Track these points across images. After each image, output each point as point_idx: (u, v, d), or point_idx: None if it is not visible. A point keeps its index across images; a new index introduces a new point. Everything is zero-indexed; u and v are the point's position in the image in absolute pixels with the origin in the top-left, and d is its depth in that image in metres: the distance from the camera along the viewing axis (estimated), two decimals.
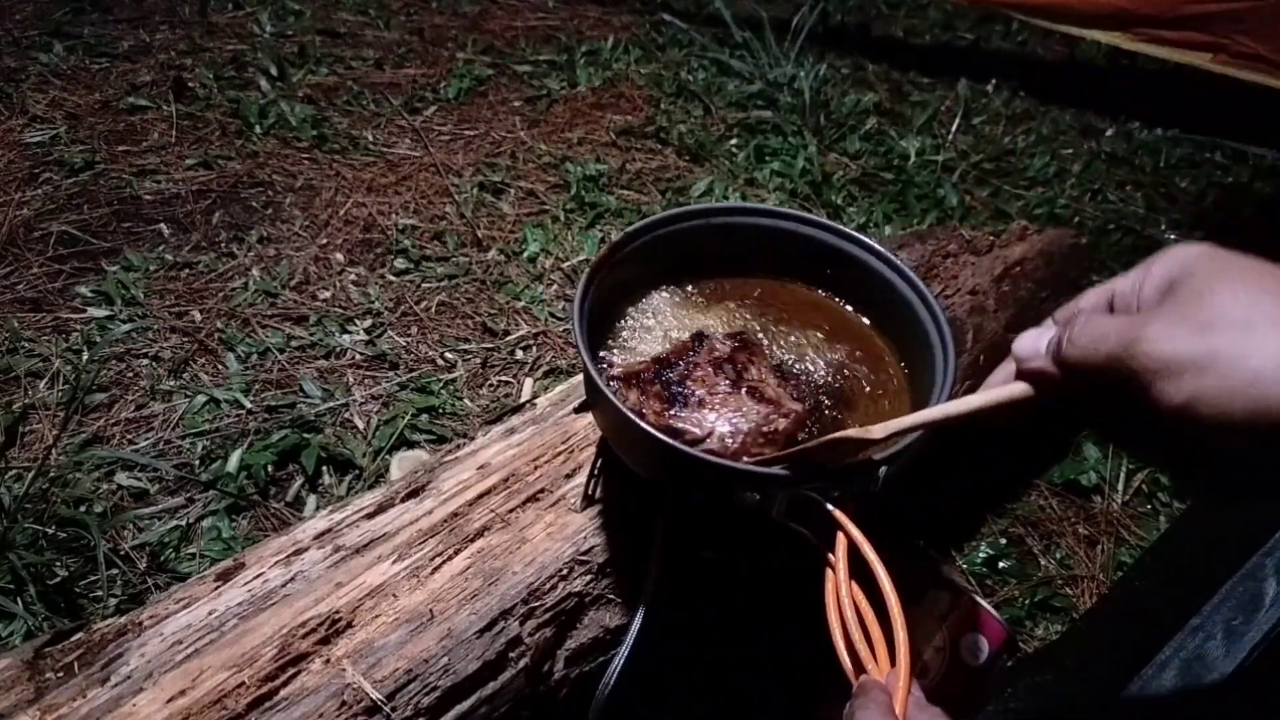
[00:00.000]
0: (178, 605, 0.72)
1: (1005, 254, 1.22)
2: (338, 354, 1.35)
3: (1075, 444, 1.34)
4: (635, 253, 0.78)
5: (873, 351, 0.80)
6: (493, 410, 1.28)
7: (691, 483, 0.67)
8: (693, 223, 0.81)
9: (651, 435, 0.62)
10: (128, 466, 1.15)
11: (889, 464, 0.64)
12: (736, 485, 0.62)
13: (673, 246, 0.80)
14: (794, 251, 0.83)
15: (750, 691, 0.94)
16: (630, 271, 0.79)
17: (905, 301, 0.76)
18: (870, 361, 0.79)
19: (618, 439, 0.72)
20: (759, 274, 0.86)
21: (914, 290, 0.76)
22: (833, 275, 0.84)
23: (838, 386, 0.76)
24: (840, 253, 0.81)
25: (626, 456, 0.72)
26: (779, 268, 0.85)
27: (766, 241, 0.83)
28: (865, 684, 0.51)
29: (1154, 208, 1.95)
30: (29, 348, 1.29)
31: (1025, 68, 2.47)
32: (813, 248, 0.82)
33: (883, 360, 0.79)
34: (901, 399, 0.75)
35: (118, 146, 1.74)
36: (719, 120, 2.04)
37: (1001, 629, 0.93)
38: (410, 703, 0.67)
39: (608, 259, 0.75)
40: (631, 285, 0.81)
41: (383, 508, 0.81)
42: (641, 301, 0.82)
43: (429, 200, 1.70)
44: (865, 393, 0.76)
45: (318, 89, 2.00)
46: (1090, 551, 1.19)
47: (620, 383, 0.72)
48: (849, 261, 0.81)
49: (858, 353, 0.79)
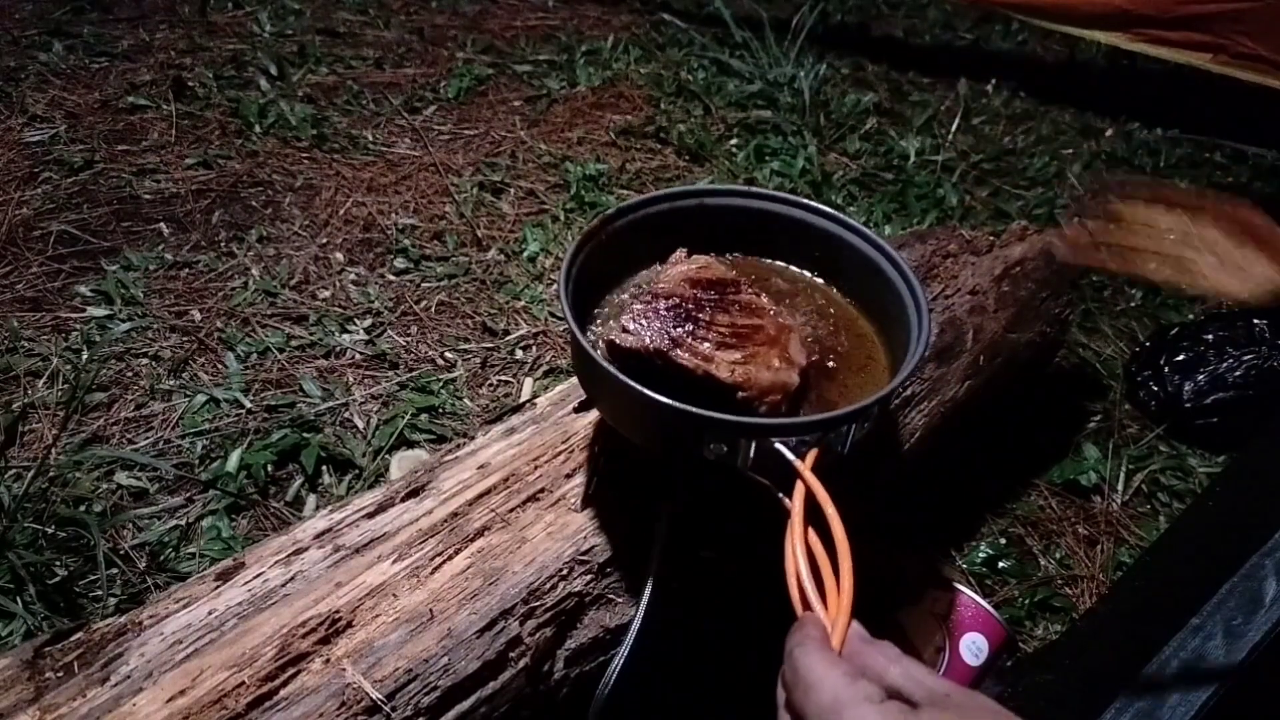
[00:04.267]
0: (177, 605, 0.72)
1: (1005, 254, 1.22)
2: (337, 353, 1.35)
3: (1075, 444, 1.34)
4: (624, 230, 0.80)
5: (855, 329, 0.84)
6: (493, 410, 1.28)
7: (664, 433, 0.68)
8: (685, 202, 0.84)
9: (623, 383, 0.64)
10: (127, 466, 1.15)
11: (853, 421, 0.67)
12: (706, 435, 0.64)
13: (661, 225, 0.83)
14: (784, 233, 0.86)
15: (750, 691, 0.94)
16: (616, 249, 0.80)
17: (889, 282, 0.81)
18: (853, 338, 0.83)
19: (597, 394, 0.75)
20: (748, 253, 0.89)
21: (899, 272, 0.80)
22: (823, 258, 0.87)
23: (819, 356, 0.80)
24: (829, 236, 0.85)
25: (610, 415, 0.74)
26: (772, 249, 0.89)
27: (752, 222, 0.86)
28: (803, 619, 0.52)
29: None
30: (28, 347, 1.29)
31: (1025, 68, 2.47)
32: (800, 229, 0.86)
33: (865, 337, 0.84)
34: (881, 381, 0.79)
35: (117, 146, 1.74)
36: (719, 120, 2.04)
37: (1001, 629, 0.93)
38: (410, 702, 0.67)
39: (598, 230, 0.77)
40: (617, 264, 0.83)
41: (383, 507, 0.81)
42: (627, 281, 0.84)
43: (429, 200, 1.70)
44: (847, 369, 0.80)
45: (317, 88, 2.00)
46: (1090, 551, 1.19)
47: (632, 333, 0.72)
48: (837, 244, 0.85)
49: (842, 329, 0.84)
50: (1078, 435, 1.36)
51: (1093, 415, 1.40)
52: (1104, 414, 1.40)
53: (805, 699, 0.45)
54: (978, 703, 0.45)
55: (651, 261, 0.85)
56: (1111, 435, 1.35)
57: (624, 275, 0.84)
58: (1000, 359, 1.13)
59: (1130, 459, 1.31)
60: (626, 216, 0.81)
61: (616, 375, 0.66)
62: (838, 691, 0.43)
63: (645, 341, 0.70)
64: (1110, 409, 1.41)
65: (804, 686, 0.45)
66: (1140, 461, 1.31)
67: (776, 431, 0.64)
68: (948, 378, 1.05)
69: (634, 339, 0.71)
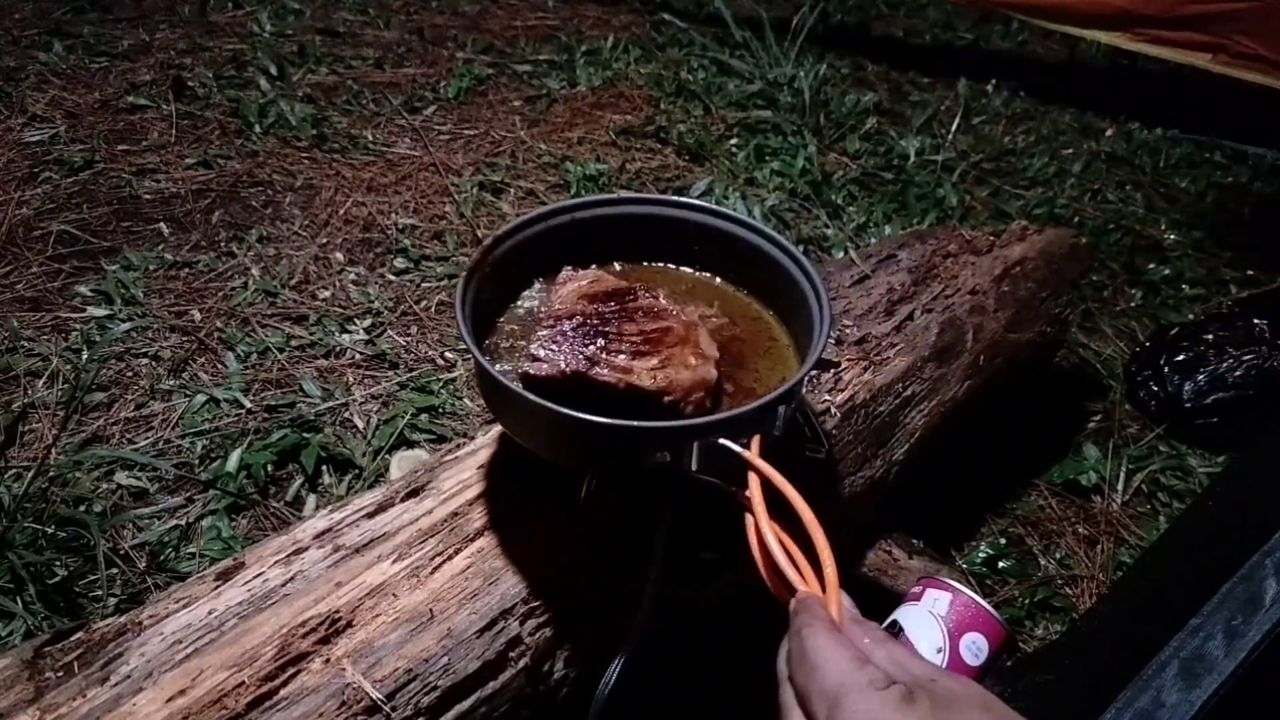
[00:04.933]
0: (177, 605, 0.72)
1: (1005, 254, 1.22)
2: (337, 353, 1.35)
3: (1075, 444, 1.34)
4: (504, 257, 0.80)
5: (749, 314, 0.85)
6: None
7: (604, 453, 0.68)
8: (559, 219, 0.83)
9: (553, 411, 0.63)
10: (127, 466, 1.15)
11: (787, 401, 0.67)
12: (647, 445, 0.64)
13: (538, 247, 0.82)
14: (660, 234, 0.87)
15: (750, 691, 0.94)
16: (499, 278, 0.80)
17: (774, 263, 0.81)
18: (749, 324, 0.84)
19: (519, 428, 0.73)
20: (628, 260, 0.89)
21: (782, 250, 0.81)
22: (702, 252, 0.88)
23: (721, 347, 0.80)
24: (706, 228, 0.85)
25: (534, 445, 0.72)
26: (650, 252, 0.89)
27: (632, 229, 0.87)
28: (803, 598, 0.52)
29: (1154, 208, 1.95)
30: (28, 347, 1.29)
31: (1025, 68, 2.47)
32: (677, 227, 0.86)
33: (761, 320, 0.84)
34: (789, 358, 0.80)
35: (117, 146, 1.74)
36: (719, 120, 2.04)
37: (1001, 629, 0.93)
38: (410, 702, 0.67)
39: (480, 263, 0.77)
40: (510, 285, 0.83)
41: (383, 507, 0.81)
42: (521, 297, 0.84)
43: (429, 200, 1.70)
44: (752, 354, 0.81)
45: (317, 88, 2.00)
46: (1090, 551, 1.19)
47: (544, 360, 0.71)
48: (717, 236, 0.85)
49: (736, 317, 0.84)
50: (1078, 435, 1.36)
51: (1093, 415, 1.40)
52: (1104, 414, 1.40)
53: (809, 678, 0.45)
54: (968, 690, 0.45)
55: (535, 277, 0.84)
56: (1111, 435, 1.35)
57: (507, 302, 0.83)
58: (1000, 359, 1.13)
59: (1130, 459, 1.31)
60: (504, 244, 0.80)
61: (545, 405, 0.63)
62: (843, 675, 0.44)
63: (561, 366, 0.69)
64: (1110, 409, 1.41)
65: (809, 666, 0.46)
66: (1140, 461, 1.31)
67: (722, 427, 0.64)
68: (948, 378, 1.05)
69: (548, 366, 0.69)
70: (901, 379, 1.00)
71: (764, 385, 0.77)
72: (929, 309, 1.08)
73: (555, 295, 0.77)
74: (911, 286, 1.11)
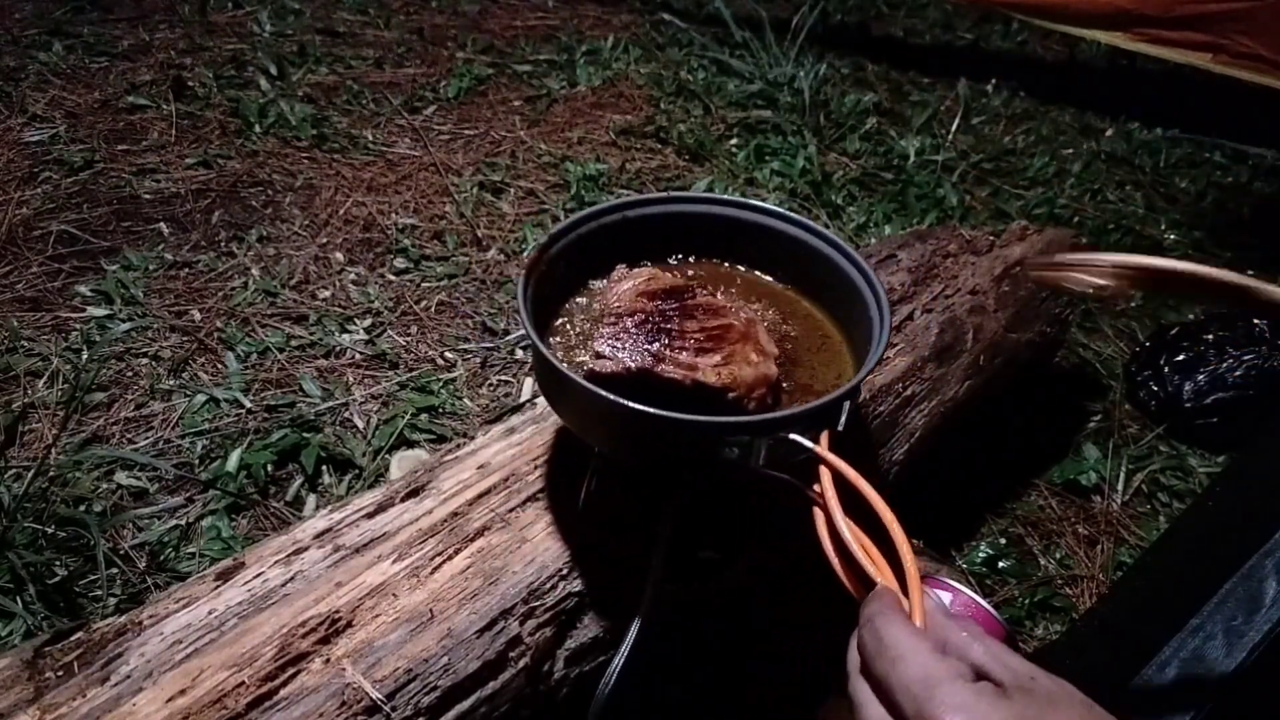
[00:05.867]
0: (177, 605, 0.72)
1: (1005, 254, 1.23)
2: (337, 353, 1.35)
3: (1075, 444, 1.34)
4: (564, 251, 0.80)
5: (799, 312, 0.85)
6: (493, 410, 1.28)
7: (674, 447, 0.68)
8: (610, 217, 0.84)
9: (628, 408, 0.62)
10: (127, 466, 1.14)
11: (850, 399, 0.67)
12: (721, 440, 0.64)
13: (590, 245, 0.83)
14: (710, 232, 0.88)
15: (750, 691, 0.94)
16: (559, 270, 0.81)
17: (825, 259, 0.82)
18: (801, 321, 0.84)
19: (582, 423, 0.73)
20: (677, 257, 0.90)
21: (838, 251, 0.81)
22: (752, 250, 0.88)
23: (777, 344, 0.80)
24: (753, 226, 0.86)
25: (597, 440, 0.73)
26: (700, 249, 0.90)
27: (677, 227, 0.87)
28: (880, 592, 0.50)
29: (1154, 208, 1.95)
30: (28, 347, 1.29)
31: (1025, 68, 2.47)
32: (727, 225, 0.87)
33: (812, 318, 0.85)
34: (842, 355, 0.81)
35: (117, 145, 1.74)
36: (719, 120, 2.04)
37: (1001, 629, 0.93)
38: (410, 702, 0.67)
39: (539, 260, 0.77)
40: (561, 283, 0.83)
41: (383, 507, 0.81)
42: (580, 293, 0.84)
43: (429, 199, 1.70)
44: (806, 351, 0.81)
45: (317, 88, 2.00)
46: (1090, 551, 1.19)
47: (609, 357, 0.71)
48: (767, 234, 0.86)
49: (788, 315, 0.85)
50: (1078, 435, 1.36)
51: (1093, 415, 1.40)
52: (1104, 414, 1.40)
53: (891, 669, 0.44)
54: (1066, 690, 0.43)
55: (592, 276, 0.84)
56: (1111, 435, 1.35)
57: (560, 299, 0.83)
58: (1000, 359, 1.13)
59: (1130, 459, 1.31)
60: (560, 242, 0.80)
61: (622, 402, 0.63)
62: (929, 667, 0.43)
63: (627, 363, 0.69)
64: (1110, 409, 1.41)
65: (890, 657, 0.44)
66: (1140, 461, 1.31)
67: (795, 422, 0.65)
68: (948, 378, 1.05)
69: (613, 363, 0.70)
70: (901, 379, 1.00)
71: (820, 382, 0.77)
72: (929, 309, 1.08)
73: (611, 293, 0.77)
74: (911, 286, 1.11)
